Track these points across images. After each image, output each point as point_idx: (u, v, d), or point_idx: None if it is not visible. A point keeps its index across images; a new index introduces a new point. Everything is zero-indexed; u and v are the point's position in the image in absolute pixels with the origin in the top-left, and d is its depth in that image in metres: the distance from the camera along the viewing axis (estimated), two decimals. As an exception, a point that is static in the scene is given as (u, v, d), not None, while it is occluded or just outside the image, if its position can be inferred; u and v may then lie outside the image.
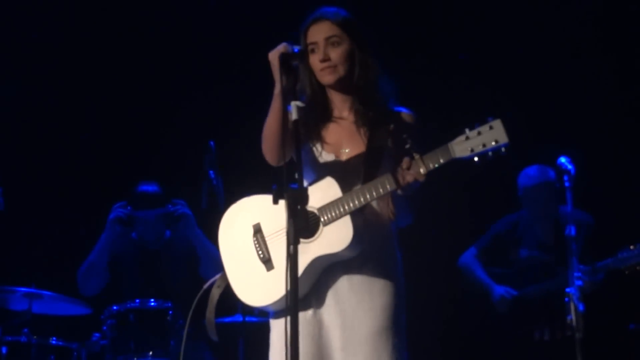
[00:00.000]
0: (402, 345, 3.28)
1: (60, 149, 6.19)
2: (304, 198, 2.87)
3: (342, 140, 3.36)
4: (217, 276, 3.43)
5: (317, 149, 3.35)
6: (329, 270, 3.28)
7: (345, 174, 3.29)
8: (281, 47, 3.17)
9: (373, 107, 3.36)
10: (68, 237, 5.98)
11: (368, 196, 3.18)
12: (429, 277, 5.99)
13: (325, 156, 3.33)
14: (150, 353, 4.95)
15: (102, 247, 5.50)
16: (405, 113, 3.42)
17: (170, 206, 5.49)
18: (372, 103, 3.37)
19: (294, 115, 3.04)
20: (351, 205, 3.19)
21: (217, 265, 3.50)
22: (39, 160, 6.17)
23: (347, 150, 3.36)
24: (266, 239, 3.29)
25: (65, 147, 6.19)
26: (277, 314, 3.34)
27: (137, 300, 5.03)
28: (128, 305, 5.01)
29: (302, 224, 2.83)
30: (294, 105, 3.05)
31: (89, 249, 5.55)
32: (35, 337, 5.00)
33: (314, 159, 3.36)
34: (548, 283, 5.33)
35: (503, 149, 3.10)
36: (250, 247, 3.31)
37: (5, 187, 4.77)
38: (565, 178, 4.56)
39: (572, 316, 4.37)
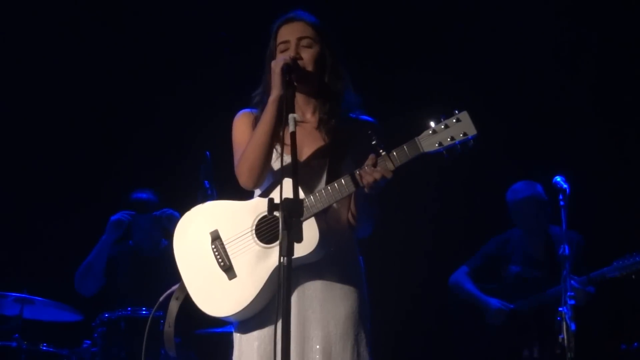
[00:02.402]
0: (368, 354, 3.17)
1: (55, 157, 6.19)
2: (299, 209, 2.73)
3: (303, 142, 3.19)
4: (175, 287, 3.27)
5: (277, 149, 3.18)
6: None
7: (306, 176, 3.14)
8: (287, 58, 3.13)
9: (336, 115, 3.27)
10: (60, 243, 5.97)
11: (333, 196, 3.05)
12: (412, 287, 6.00)
13: (285, 157, 3.01)
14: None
15: (101, 249, 5.55)
16: (368, 121, 3.32)
17: (164, 210, 5.54)
18: (336, 111, 3.27)
19: (290, 127, 2.91)
20: (316, 206, 3.05)
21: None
22: (33, 167, 6.17)
23: (308, 153, 3.22)
24: (225, 245, 3.14)
25: (60, 155, 6.19)
26: (242, 325, 3.20)
27: (129, 309, 5.02)
28: (119, 313, 5.01)
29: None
30: (291, 117, 2.93)
31: (81, 256, 5.55)
32: (25, 342, 5.00)
33: (273, 160, 3.20)
34: (539, 296, 5.32)
35: (472, 142, 3.00)
36: (209, 255, 3.16)
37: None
38: (560, 197, 4.57)
39: (564, 335, 4.37)
